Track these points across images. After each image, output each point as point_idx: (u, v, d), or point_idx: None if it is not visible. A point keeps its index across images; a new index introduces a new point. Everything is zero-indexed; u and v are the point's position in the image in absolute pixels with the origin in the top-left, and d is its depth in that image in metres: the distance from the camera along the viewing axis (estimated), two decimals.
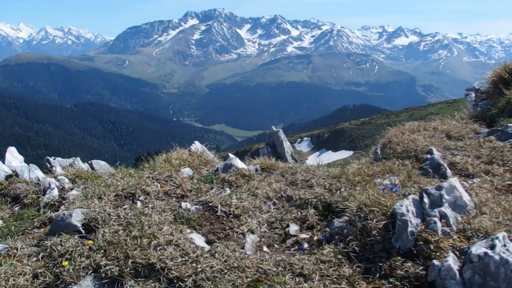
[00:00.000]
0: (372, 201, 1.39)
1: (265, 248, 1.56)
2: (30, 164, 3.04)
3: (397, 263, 1.18)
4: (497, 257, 1.04)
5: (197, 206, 1.71)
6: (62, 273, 1.21)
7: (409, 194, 1.45)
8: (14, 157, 3.52)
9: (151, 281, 1.17)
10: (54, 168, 3.12)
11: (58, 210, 2.06)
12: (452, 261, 1.10)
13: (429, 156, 1.91)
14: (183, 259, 1.24)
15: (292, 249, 1.44)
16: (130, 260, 1.22)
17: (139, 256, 1.23)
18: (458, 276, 1.07)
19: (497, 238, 1.11)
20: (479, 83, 3.70)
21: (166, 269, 1.19)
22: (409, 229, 1.23)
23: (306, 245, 1.37)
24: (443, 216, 1.29)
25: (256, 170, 2.30)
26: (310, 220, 1.51)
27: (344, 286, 1.13)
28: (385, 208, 1.34)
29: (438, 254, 1.17)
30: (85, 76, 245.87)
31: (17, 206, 2.43)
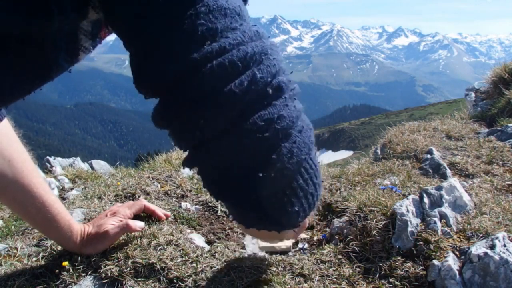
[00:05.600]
0: (372, 201, 1.39)
1: None
2: None
3: (397, 263, 1.18)
4: (497, 257, 1.04)
5: (197, 206, 1.71)
6: (62, 273, 1.21)
7: (409, 194, 1.44)
8: None
9: (151, 281, 1.17)
10: (54, 168, 3.12)
11: None
12: (452, 261, 1.10)
13: (429, 156, 1.91)
14: (183, 259, 1.23)
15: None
16: (130, 260, 1.22)
17: (139, 256, 1.23)
18: (458, 276, 1.07)
19: (497, 238, 1.11)
20: (479, 83, 3.70)
21: (166, 269, 1.19)
22: (409, 229, 1.23)
23: (306, 245, 1.37)
24: (443, 216, 1.28)
25: None
26: (310, 220, 1.51)
27: (344, 286, 1.13)
28: (385, 208, 1.34)
29: (438, 254, 1.16)
30: (85, 76, 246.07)
31: None
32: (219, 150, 0.61)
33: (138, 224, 1.32)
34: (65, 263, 1.22)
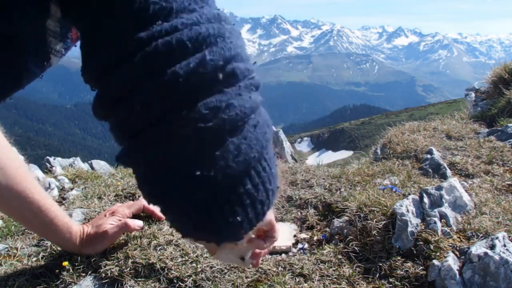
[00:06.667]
0: (372, 201, 1.39)
1: None
2: (30, 164, 3.04)
3: (397, 263, 1.18)
4: (497, 257, 1.04)
5: None
6: (62, 273, 1.21)
7: (409, 194, 1.44)
8: None
9: (151, 281, 1.17)
10: (54, 168, 3.12)
11: None
12: (452, 261, 1.10)
13: (429, 156, 1.91)
14: (183, 259, 1.24)
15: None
16: (130, 260, 1.22)
17: (139, 256, 1.23)
18: (458, 276, 1.07)
19: (497, 238, 1.11)
20: (479, 83, 3.71)
21: (166, 269, 1.19)
22: (409, 229, 1.23)
23: (306, 245, 1.37)
24: (443, 216, 1.29)
25: None
26: (310, 220, 1.51)
27: (344, 286, 1.13)
28: (385, 208, 1.34)
29: (438, 254, 1.16)
30: None
31: None
32: (155, 141, 0.52)
33: (137, 223, 1.32)
34: (65, 263, 1.22)
